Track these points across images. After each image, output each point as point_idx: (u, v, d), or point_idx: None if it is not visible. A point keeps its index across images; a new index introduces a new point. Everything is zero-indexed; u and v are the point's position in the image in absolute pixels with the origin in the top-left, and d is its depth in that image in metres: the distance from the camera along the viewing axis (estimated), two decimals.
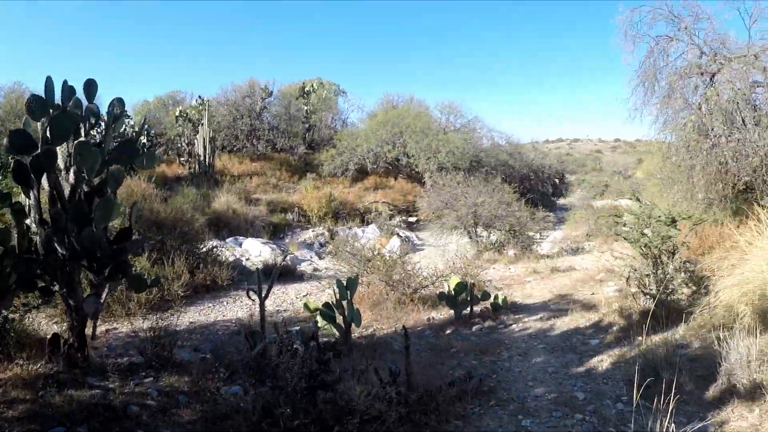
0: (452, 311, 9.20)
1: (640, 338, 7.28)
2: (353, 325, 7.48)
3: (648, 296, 8.14)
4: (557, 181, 34.41)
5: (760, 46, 11.61)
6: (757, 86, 11.59)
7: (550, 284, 12.12)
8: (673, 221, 8.09)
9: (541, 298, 10.67)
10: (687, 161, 11.72)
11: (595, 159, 64.46)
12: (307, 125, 32.20)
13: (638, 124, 19.71)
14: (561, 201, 33.94)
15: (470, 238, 17.46)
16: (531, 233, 18.01)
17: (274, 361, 5.50)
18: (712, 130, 11.12)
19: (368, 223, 22.18)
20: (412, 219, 23.52)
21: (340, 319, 7.45)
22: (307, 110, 32.04)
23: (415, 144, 27.13)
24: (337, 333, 7.53)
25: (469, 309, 9.21)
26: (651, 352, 6.45)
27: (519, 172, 29.42)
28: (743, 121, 11.06)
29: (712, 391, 5.50)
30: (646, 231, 8.27)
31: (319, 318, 7.61)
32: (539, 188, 30.21)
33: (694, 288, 8.28)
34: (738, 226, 9.85)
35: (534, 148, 34.25)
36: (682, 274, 8.08)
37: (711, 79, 11.83)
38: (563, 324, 8.65)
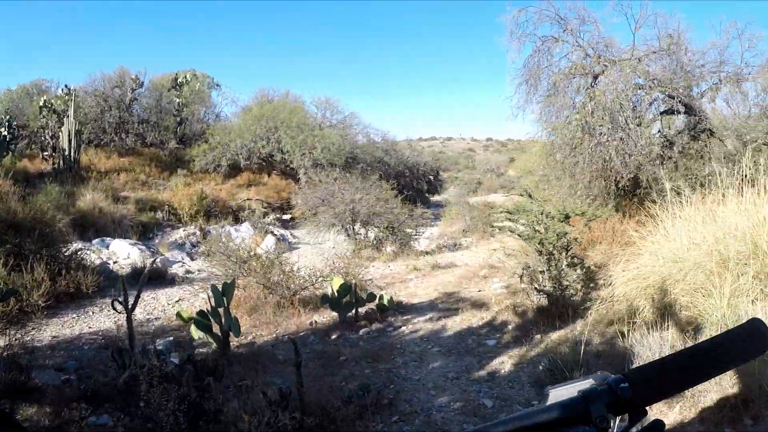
0: (336, 314, 8.56)
1: (538, 336, 6.97)
2: (231, 334, 6.72)
3: (541, 293, 7.84)
4: (432, 178, 34.37)
5: (643, 51, 11.96)
6: (639, 88, 11.97)
7: (433, 282, 11.73)
8: (566, 217, 7.79)
9: (428, 297, 10.22)
10: (570, 158, 11.68)
11: (467, 157, 65.44)
12: (178, 119, 30.15)
13: (520, 122, 19.69)
14: (436, 198, 33.94)
15: (348, 235, 16.88)
16: (409, 230, 17.61)
17: (145, 392, 4.65)
18: (596, 129, 11.11)
19: (242, 222, 21.10)
20: (286, 217, 22.59)
21: (216, 328, 6.68)
22: (179, 103, 29.94)
23: (291, 140, 26.14)
24: (214, 344, 6.77)
25: (354, 311, 8.60)
26: (553, 350, 6.17)
27: (395, 170, 29.02)
28: (626, 120, 11.11)
29: None
30: (538, 227, 7.94)
31: (193, 329, 6.81)
32: (414, 185, 30.01)
33: (587, 284, 8.04)
34: (621, 222, 9.80)
35: (409, 146, 34.00)
36: (577, 270, 7.77)
37: (594, 79, 11.89)
38: (455, 324, 8.23)
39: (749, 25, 12.16)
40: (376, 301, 8.80)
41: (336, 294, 8.34)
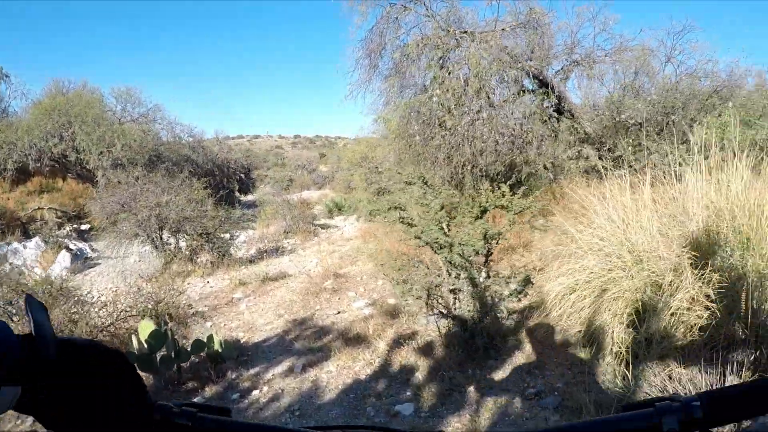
0: (150, 375, 5.51)
1: (472, 389, 4.62)
2: None
3: (451, 318, 5.36)
4: (243, 176, 31.15)
5: (508, 23, 10.62)
6: (501, 63, 10.27)
7: (271, 302, 9.08)
8: (483, 211, 5.33)
9: (273, 330, 7.50)
10: (431, 141, 9.54)
11: (276, 155, 62.69)
12: None
13: (360, 101, 17.32)
14: (249, 197, 30.78)
15: (155, 246, 13.50)
16: (226, 235, 14.51)
17: None
18: (465, 105, 9.03)
19: (32, 236, 16.74)
20: (85, 227, 18.64)
21: None
22: None
23: (86, 136, 21.76)
24: None
25: (175, 368, 5.61)
26: (515, 412, 4.13)
27: (203, 168, 25.68)
28: (488, 96, 9.13)
29: None
30: (444, 227, 5.42)
31: None
32: (225, 184, 26.66)
33: (519, 298, 5.71)
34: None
35: (219, 142, 30.56)
36: (511, 285, 5.37)
37: (446, 55, 9.82)
38: (333, 378, 5.60)
39: (603, 9, 11.78)
40: (205, 348, 5.81)
41: (146, 346, 5.33)
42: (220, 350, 5.83)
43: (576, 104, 11.83)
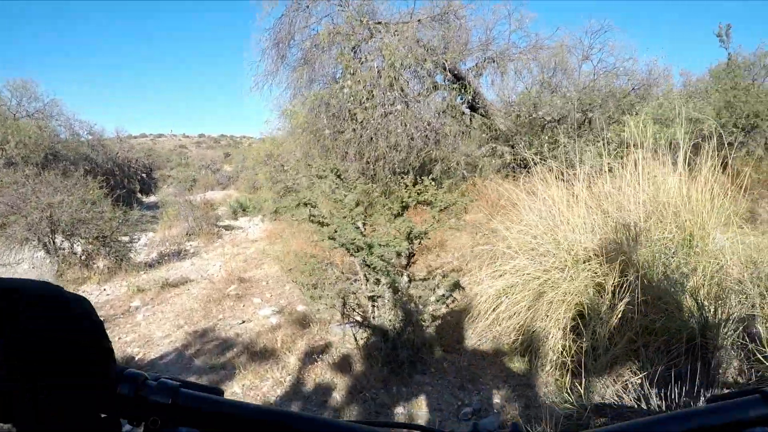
0: None
1: (401, 411, 4.11)
2: None
3: (370, 329, 4.90)
4: (145, 176, 29.80)
5: (424, 14, 10.19)
6: (415, 56, 9.78)
7: (171, 311, 8.36)
8: (404, 208, 4.92)
9: (172, 344, 6.74)
10: (340, 135, 9.12)
11: (180, 154, 60.56)
12: None
13: (267, 94, 16.58)
14: (151, 198, 29.48)
15: (48, 252, 12.47)
16: (125, 238, 13.62)
17: None
18: (378, 98, 8.65)
19: None
20: None
21: None
22: None
23: None
24: None
25: None
26: None
27: (103, 167, 24.25)
28: (402, 89, 8.78)
29: None
30: (360, 225, 4.96)
31: None
32: (126, 184, 25.36)
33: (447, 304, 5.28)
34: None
35: (120, 140, 29.06)
36: (437, 291, 4.97)
37: (358, 45, 9.56)
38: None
39: (519, 7, 12.08)
40: None
41: None
42: None
43: (490, 101, 11.65)
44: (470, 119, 11.45)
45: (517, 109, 11.55)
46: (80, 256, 12.33)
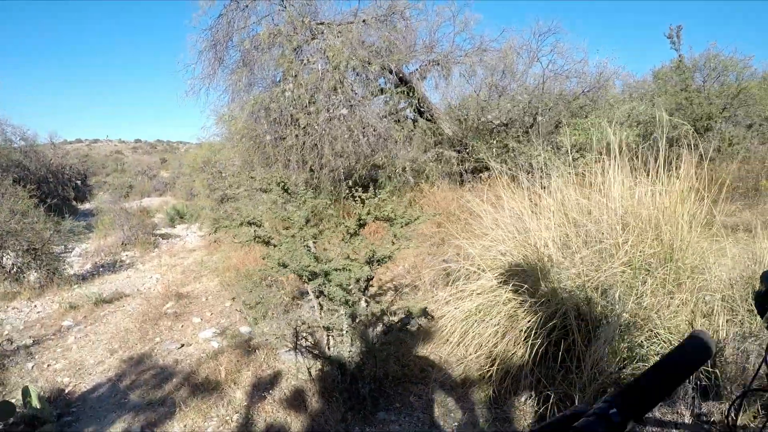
0: None
1: None
2: None
3: (325, 360, 4.42)
4: (79, 183, 28.43)
5: (370, 15, 9.79)
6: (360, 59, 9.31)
7: (104, 331, 7.72)
8: (361, 225, 4.44)
9: (105, 372, 6.06)
10: (282, 142, 8.63)
11: (116, 160, 58.57)
12: None
13: (203, 98, 15.54)
14: (86, 206, 28.15)
15: None
16: (57, 249, 12.76)
17: None
18: (322, 101, 8.15)
19: None
20: None
21: None
22: None
23: None
24: None
25: None
26: None
27: (36, 174, 22.90)
28: (348, 92, 8.38)
29: None
30: (311, 245, 4.46)
31: None
32: (60, 192, 24.08)
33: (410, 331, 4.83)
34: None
35: (54, 146, 27.53)
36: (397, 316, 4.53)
37: (300, 47, 8.87)
38: None
39: (464, 8, 11.59)
40: (22, 406, 4.55)
41: None
42: (37, 407, 4.60)
43: (435, 105, 11.29)
44: (413, 124, 11.07)
45: (464, 113, 11.21)
46: (9, 270, 11.46)
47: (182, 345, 6.51)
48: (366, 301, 4.28)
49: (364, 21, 9.50)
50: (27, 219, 11.90)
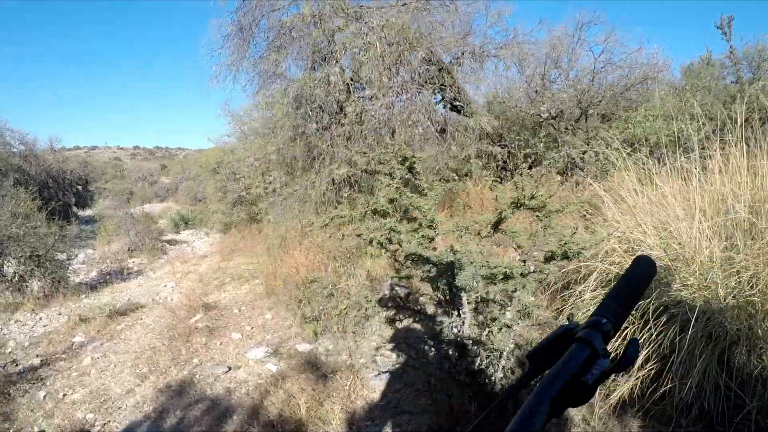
0: None
1: None
2: None
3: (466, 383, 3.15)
4: (81, 188, 26.95)
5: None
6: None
7: (124, 350, 6.51)
8: (501, 219, 3.16)
9: (138, 405, 4.73)
10: (325, 132, 7.49)
11: (116, 166, 56.97)
12: None
13: (230, 86, 13.85)
14: (87, 212, 26.67)
15: None
16: (62, 256, 11.35)
17: None
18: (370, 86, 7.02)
19: None
20: None
21: None
22: None
23: None
24: None
25: None
26: None
27: (37, 179, 21.38)
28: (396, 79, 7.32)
29: None
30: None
31: None
32: (61, 197, 22.56)
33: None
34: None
35: (54, 151, 25.98)
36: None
37: (340, 30, 8.03)
38: None
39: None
40: None
41: None
42: None
43: (472, 98, 10.11)
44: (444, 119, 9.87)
45: (511, 103, 10.02)
46: (11, 279, 10.10)
47: (229, 368, 5.22)
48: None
49: (404, 5, 8.30)
50: (29, 223, 10.53)
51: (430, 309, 3.67)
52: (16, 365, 6.11)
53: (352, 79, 7.74)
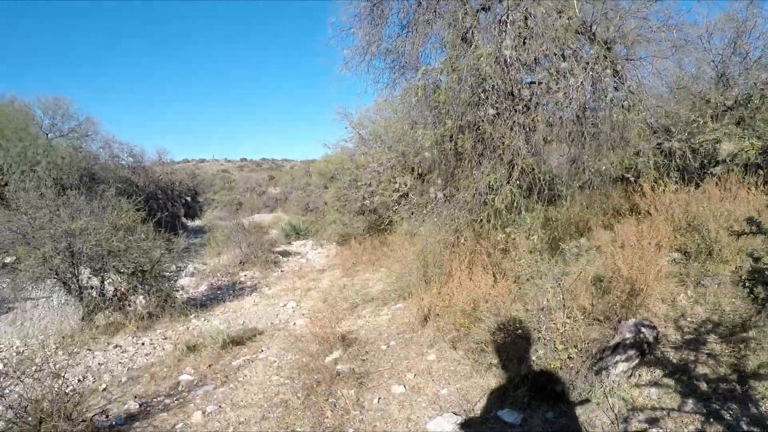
0: None
1: None
2: None
3: None
4: (190, 198, 26.09)
5: None
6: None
7: (245, 401, 5.02)
8: None
9: None
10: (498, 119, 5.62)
11: (224, 178, 57.19)
12: None
13: (363, 77, 11.35)
14: (196, 222, 25.76)
15: (70, 291, 8.72)
16: (169, 272, 9.79)
17: None
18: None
19: None
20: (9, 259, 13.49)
21: None
22: None
23: (4, 152, 16.13)
24: None
25: None
26: None
27: (145, 190, 20.39)
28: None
29: None
30: None
31: None
32: (169, 208, 21.55)
33: None
34: None
35: (162, 163, 25.17)
36: None
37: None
38: None
39: None
40: None
41: None
42: None
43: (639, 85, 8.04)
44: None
45: (697, 89, 7.87)
46: (111, 297, 8.65)
47: None
48: None
49: None
50: (133, 236, 9.03)
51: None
52: (106, 417, 4.50)
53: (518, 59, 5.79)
